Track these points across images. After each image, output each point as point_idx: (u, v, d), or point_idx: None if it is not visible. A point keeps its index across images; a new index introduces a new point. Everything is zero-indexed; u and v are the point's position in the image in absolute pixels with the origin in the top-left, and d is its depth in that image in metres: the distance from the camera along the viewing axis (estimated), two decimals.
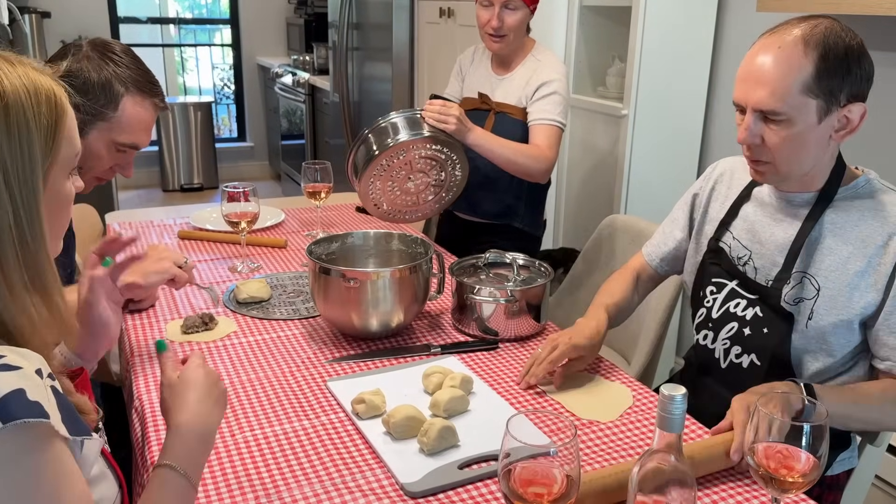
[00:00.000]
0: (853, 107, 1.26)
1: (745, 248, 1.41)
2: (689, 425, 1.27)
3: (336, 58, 4.28)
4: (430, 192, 2.05)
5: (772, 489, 0.95)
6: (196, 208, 2.42)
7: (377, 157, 1.89)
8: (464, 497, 1.08)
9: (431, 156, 1.98)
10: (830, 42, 1.22)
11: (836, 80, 1.23)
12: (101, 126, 1.45)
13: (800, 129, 1.24)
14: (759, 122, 1.27)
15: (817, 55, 1.22)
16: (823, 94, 1.23)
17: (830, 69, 1.22)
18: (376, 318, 1.51)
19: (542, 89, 2.15)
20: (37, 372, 0.75)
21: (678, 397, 0.84)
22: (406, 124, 1.95)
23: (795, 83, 1.22)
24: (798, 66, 1.22)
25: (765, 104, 1.24)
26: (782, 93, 1.23)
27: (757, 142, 1.28)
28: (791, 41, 1.23)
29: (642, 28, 2.56)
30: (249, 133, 6.59)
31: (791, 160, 1.28)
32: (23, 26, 4.77)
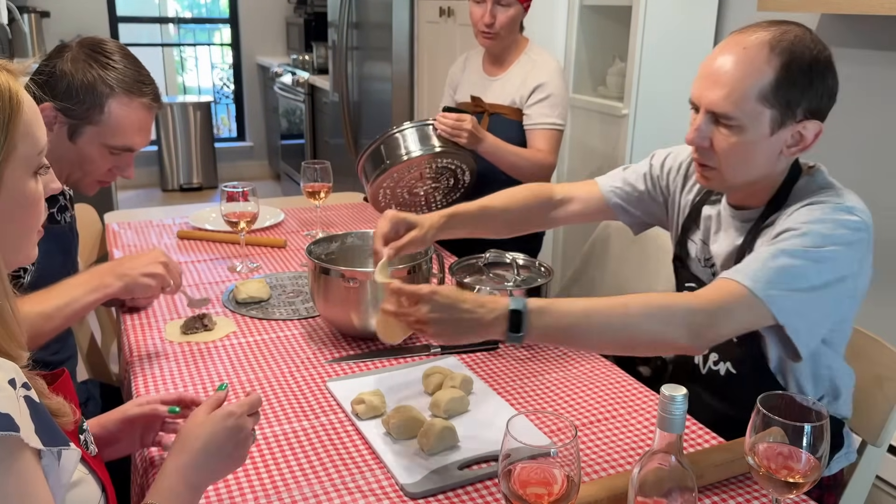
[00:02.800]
0: (809, 123, 1.19)
1: (710, 250, 1.40)
2: (689, 426, 1.27)
3: (336, 57, 4.28)
4: (440, 194, 2.07)
5: (772, 489, 0.95)
6: (195, 208, 2.41)
7: (388, 170, 1.90)
8: (464, 498, 1.08)
9: (442, 166, 1.99)
10: (797, 51, 1.16)
11: (796, 93, 1.17)
12: (91, 130, 1.41)
13: (750, 137, 1.19)
14: (711, 125, 1.22)
15: (780, 63, 1.16)
16: (780, 105, 1.17)
17: (791, 80, 1.16)
18: (376, 319, 1.51)
19: (537, 91, 2.16)
20: (10, 382, 0.72)
21: (678, 397, 0.84)
22: (418, 137, 1.96)
23: (752, 89, 1.16)
24: (758, 71, 1.16)
25: (718, 106, 1.19)
26: (737, 97, 1.17)
27: (705, 144, 1.23)
28: (756, 43, 1.17)
29: (642, 28, 2.56)
30: (249, 133, 6.58)
31: (737, 168, 1.23)
32: (22, 26, 4.76)
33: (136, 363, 1.44)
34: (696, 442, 1.23)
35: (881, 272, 2.12)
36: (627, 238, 2.09)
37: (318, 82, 4.92)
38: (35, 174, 0.83)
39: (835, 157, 2.31)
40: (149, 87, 1.46)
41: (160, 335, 1.55)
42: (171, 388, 1.35)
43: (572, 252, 2.92)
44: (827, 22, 2.30)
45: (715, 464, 1.10)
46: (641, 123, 2.65)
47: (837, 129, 2.30)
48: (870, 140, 2.20)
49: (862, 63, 2.20)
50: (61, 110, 1.36)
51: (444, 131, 1.97)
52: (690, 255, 1.45)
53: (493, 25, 2.14)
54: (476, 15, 2.16)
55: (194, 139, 5.94)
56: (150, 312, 1.65)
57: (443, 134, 1.97)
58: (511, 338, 1.09)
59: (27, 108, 0.81)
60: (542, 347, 1.55)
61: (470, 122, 1.98)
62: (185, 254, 2.04)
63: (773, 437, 0.94)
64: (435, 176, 2.00)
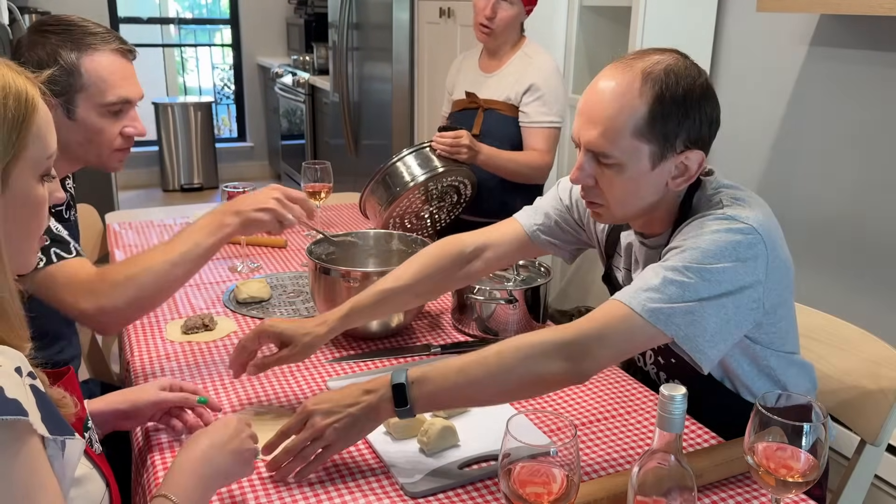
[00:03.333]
0: (691, 154, 1.15)
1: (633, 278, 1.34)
2: (688, 426, 1.27)
3: (336, 58, 4.28)
4: (444, 213, 2.09)
5: (771, 489, 0.95)
6: (196, 208, 2.42)
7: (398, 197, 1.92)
8: (464, 497, 1.08)
9: (447, 185, 2.01)
10: (670, 82, 1.12)
11: (672, 125, 1.12)
12: (81, 98, 1.38)
13: (631, 174, 1.15)
14: (593, 163, 1.18)
15: (653, 96, 1.12)
16: (657, 139, 1.13)
17: (666, 113, 1.12)
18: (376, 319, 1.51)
19: (533, 89, 2.16)
20: (16, 370, 0.74)
21: (678, 397, 0.84)
22: (419, 162, 1.97)
23: (626, 125, 1.12)
24: (631, 107, 1.12)
25: (595, 145, 1.15)
26: (613, 135, 1.13)
27: (590, 182, 1.19)
28: (628, 78, 1.14)
29: (642, 28, 2.56)
30: (249, 133, 6.59)
31: (625, 204, 1.19)
32: (23, 26, 4.77)
33: (136, 363, 1.44)
34: (696, 441, 1.24)
35: (882, 272, 2.13)
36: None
37: (318, 83, 4.92)
38: (42, 179, 0.85)
39: (835, 157, 2.31)
40: (109, 34, 1.43)
41: (161, 335, 1.55)
42: None
43: None
44: (827, 22, 2.30)
45: (714, 463, 1.11)
46: None
47: (837, 130, 2.30)
48: (870, 140, 2.20)
49: (862, 63, 2.20)
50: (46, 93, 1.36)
51: (444, 151, 2.00)
52: (619, 282, 1.41)
53: (492, 20, 2.15)
54: (479, 6, 2.18)
55: (195, 139, 5.95)
56: (151, 312, 1.65)
57: (442, 153, 2.00)
58: (401, 413, 1.09)
59: (42, 113, 0.84)
60: None
61: (466, 137, 2.01)
62: None
63: (772, 436, 0.94)
64: (440, 195, 2.02)
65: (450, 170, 1.97)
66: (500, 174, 2.14)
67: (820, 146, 2.34)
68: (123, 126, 1.44)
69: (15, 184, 0.81)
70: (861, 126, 2.22)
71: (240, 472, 1.03)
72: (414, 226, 2.06)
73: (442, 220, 2.12)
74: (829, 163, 2.29)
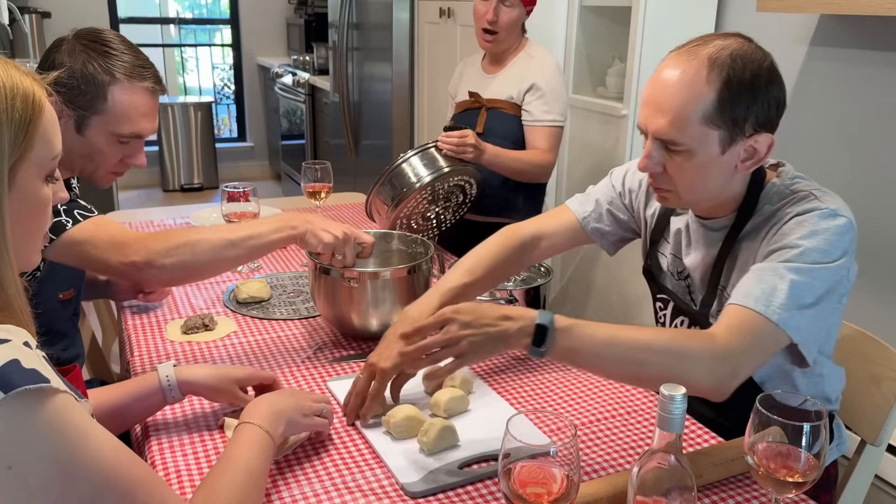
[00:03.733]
0: (760, 137, 1.17)
1: (683, 263, 1.38)
2: (689, 426, 1.27)
3: (336, 58, 4.28)
4: (449, 213, 2.09)
5: (771, 489, 0.95)
6: (196, 208, 2.42)
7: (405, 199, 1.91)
8: (464, 497, 1.08)
9: (453, 185, 2.01)
10: (737, 67, 1.13)
11: (741, 110, 1.14)
12: (97, 120, 1.40)
13: (701, 160, 1.17)
14: (661, 150, 1.19)
15: (721, 82, 1.13)
16: (726, 125, 1.14)
17: (734, 98, 1.13)
18: (376, 318, 1.51)
19: (534, 88, 2.17)
20: (25, 344, 0.77)
21: (678, 397, 0.84)
22: (423, 163, 1.97)
23: (695, 113, 1.14)
24: (699, 95, 1.13)
25: (664, 133, 1.16)
26: (682, 123, 1.14)
27: (658, 170, 1.21)
28: (694, 65, 1.14)
29: (642, 28, 2.56)
30: (249, 133, 6.59)
31: (694, 189, 1.22)
32: (23, 26, 4.77)
33: (137, 363, 1.44)
34: (696, 441, 1.24)
35: (882, 272, 2.13)
36: None
37: (318, 83, 4.92)
38: (46, 180, 0.86)
39: (834, 156, 2.31)
40: (149, 70, 1.45)
41: (161, 335, 1.55)
42: None
43: (572, 252, 2.92)
44: (826, 22, 2.30)
45: (714, 463, 1.11)
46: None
47: (837, 129, 2.30)
48: (870, 139, 2.20)
49: (862, 63, 2.20)
50: (65, 103, 1.36)
51: (450, 150, 1.99)
52: (662, 269, 1.43)
53: (495, 23, 2.15)
54: (479, 11, 2.17)
55: (195, 139, 5.95)
56: (152, 313, 1.66)
57: (448, 153, 1.99)
58: (533, 351, 1.09)
59: (48, 114, 0.85)
60: None
61: (472, 137, 2.00)
62: None
63: (773, 436, 0.94)
64: (446, 195, 2.02)
65: (455, 169, 1.97)
66: (504, 173, 2.14)
67: (819, 146, 2.34)
68: (126, 155, 1.46)
69: (21, 183, 0.82)
70: (861, 126, 2.22)
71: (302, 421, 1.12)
72: (420, 226, 2.06)
73: (447, 220, 2.12)
74: (829, 162, 2.29)
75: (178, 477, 1.10)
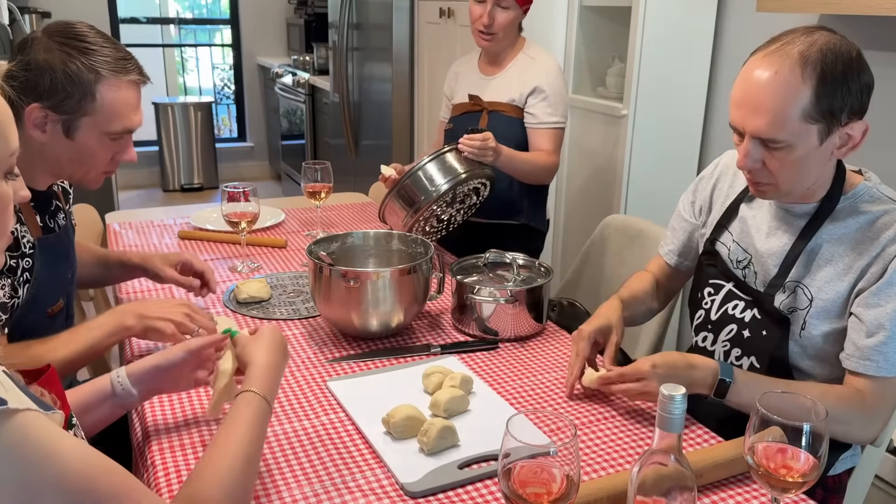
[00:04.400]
0: (855, 124, 1.22)
1: (745, 252, 1.41)
2: (689, 426, 1.27)
3: (336, 58, 4.28)
4: (461, 215, 2.09)
5: (771, 489, 0.95)
6: (196, 208, 2.42)
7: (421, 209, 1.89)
8: (464, 497, 1.08)
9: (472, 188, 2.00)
10: (829, 61, 1.17)
11: (837, 101, 1.18)
12: (87, 122, 1.34)
13: (801, 153, 1.21)
14: (759, 147, 1.23)
15: (816, 78, 1.17)
16: (824, 118, 1.19)
17: (829, 92, 1.17)
18: (376, 318, 1.51)
19: (538, 91, 2.16)
20: None
21: (678, 397, 0.84)
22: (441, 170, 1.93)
23: (794, 111, 1.18)
24: (796, 93, 1.17)
25: (763, 133, 1.21)
26: (781, 122, 1.18)
27: (758, 166, 1.26)
28: (788, 65, 1.17)
29: (642, 28, 2.56)
30: (249, 133, 6.59)
31: (794, 181, 1.26)
32: (23, 26, 4.76)
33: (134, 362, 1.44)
34: (696, 442, 1.24)
35: None
36: (626, 237, 2.09)
37: (318, 83, 4.92)
38: (5, 177, 0.83)
39: None
40: (131, 62, 1.39)
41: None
42: None
43: (572, 252, 2.92)
44: (827, 22, 2.30)
45: (714, 463, 1.10)
46: (641, 124, 2.66)
47: None
48: (869, 140, 2.20)
49: None
50: (51, 108, 1.30)
51: (472, 153, 1.95)
52: (721, 256, 1.46)
53: (491, 27, 2.14)
54: (475, 14, 2.16)
55: (195, 139, 5.95)
56: None
57: (469, 156, 1.95)
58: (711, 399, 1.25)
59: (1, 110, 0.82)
60: (540, 347, 1.55)
61: (492, 139, 1.97)
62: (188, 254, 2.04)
63: (773, 436, 0.94)
64: (462, 199, 2.01)
65: (475, 173, 1.93)
66: (515, 175, 2.13)
67: None
68: (117, 152, 1.42)
69: None
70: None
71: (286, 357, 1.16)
72: (433, 229, 2.05)
73: (457, 221, 2.11)
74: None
75: (178, 477, 1.10)
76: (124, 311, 1.38)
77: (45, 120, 1.31)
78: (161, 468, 1.12)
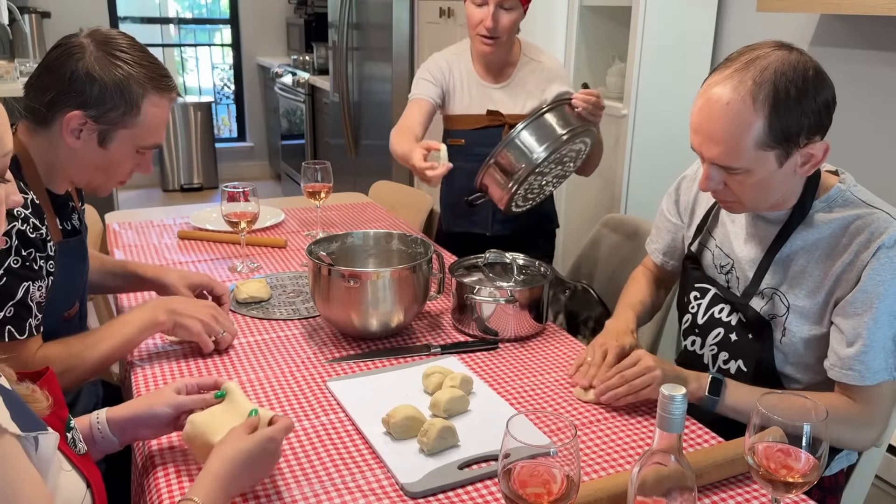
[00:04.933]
0: (815, 144, 1.20)
1: (728, 257, 1.41)
2: (689, 426, 1.27)
3: (336, 58, 4.28)
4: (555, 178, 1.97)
5: (771, 489, 0.95)
6: (196, 208, 2.42)
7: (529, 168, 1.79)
8: (464, 497, 1.08)
9: (576, 148, 1.88)
10: (781, 87, 1.14)
11: (792, 125, 1.16)
12: (123, 134, 1.35)
13: (761, 177, 1.21)
14: (719, 171, 1.23)
15: (769, 107, 1.15)
16: (780, 143, 1.17)
17: (783, 118, 1.15)
18: (376, 318, 1.51)
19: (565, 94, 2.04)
20: None
21: (678, 397, 0.84)
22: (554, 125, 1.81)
23: (748, 141, 1.17)
24: (749, 124, 1.16)
25: (720, 161, 1.21)
26: (736, 151, 1.18)
27: (719, 188, 1.26)
28: (740, 95, 1.15)
29: (642, 28, 2.56)
30: (249, 133, 6.59)
31: (758, 199, 1.26)
32: (23, 26, 4.77)
33: (136, 362, 1.44)
34: (696, 442, 1.24)
35: None
36: (624, 237, 2.09)
37: (318, 83, 4.92)
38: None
39: (834, 156, 2.31)
40: (171, 79, 1.41)
41: (160, 335, 1.55)
42: None
43: (572, 251, 2.91)
44: (827, 22, 2.30)
45: (714, 463, 1.10)
46: (641, 123, 2.66)
47: (837, 130, 2.30)
48: (870, 140, 2.20)
49: (862, 63, 2.20)
50: (93, 117, 1.31)
51: (587, 109, 1.81)
52: (704, 262, 1.47)
53: (495, 30, 2.00)
54: (475, 18, 2.02)
55: (195, 139, 5.95)
56: None
57: (583, 112, 1.82)
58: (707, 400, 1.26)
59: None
60: (540, 347, 1.55)
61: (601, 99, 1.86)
62: (186, 254, 2.04)
63: (773, 436, 0.94)
64: (562, 159, 1.88)
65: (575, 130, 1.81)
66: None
67: None
68: (137, 164, 1.44)
69: None
70: (861, 126, 2.21)
71: (262, 473, 1.05)
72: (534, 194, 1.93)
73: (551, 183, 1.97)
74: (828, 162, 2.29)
75: (178, 477, 1.10)
76: (156, 306, 1.43)
77: (83, 127, 1.33)
78: (161, 468, 1.12)
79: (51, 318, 1.37)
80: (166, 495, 1.06)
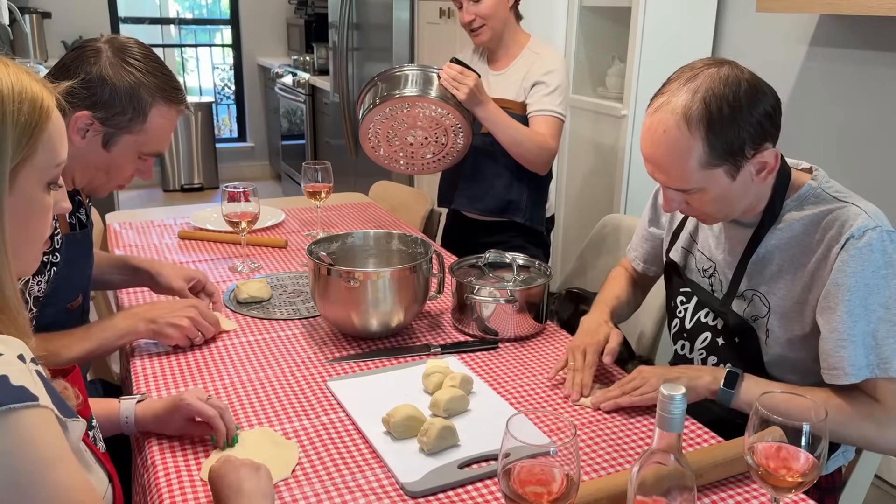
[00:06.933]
0: (765, 152, 1.20)
1: (710, 260, 1.42)
2: (688, 426, 1.27)
3: (336, 58, 4.28)
4: (429, 152, 2.07)
5: (771, 489, 0.95)
6: (196, 208, 2.42)
7: (381, 104, 1.92)
8: (464, 497, 1.08)
9: (436, 117, 1.99)
10: (714, 108, 1.15)
11: (733, 141, 1.16)
12: (127, 139, 1.38)
13: (717, 192, 1.22)
14: (678, 193, 1.25)
15: (704, 129, 1.16)
16: (726, 159, 1.18)
17: (720, 136, 1.16)
18: (376, 318, 1.51)
19: (541, 83, 2.15)
20: (19, 357, 0.76)
21: (678, 397, 0.84)
22: (418, 79, 1.96)
23: (692, 164, 1.18)
24: (688, 148, 1.17)
25: (672, 185, 1.24)
26: (683, 176, 1.20)
27: (682, 207, 1.28)
28: (674, 122, 1.17)
29: (642, 28, 2.57)
30: (250, 133, 6.59)
31: (724, 210, 1.28)
32: (23, 26, 4.77)
33: (137, 363, 1.44)
34: (696, 441, 1.24)
35: None
36: (625, 237, 2.09)
37: (318, 83, 4.92)
38: (48, 187, 0.87)
39: (834, 156, 2.31)
40: (182, 92, 1.44)
41: None
42: (172, 387, 1.35)
43: (572, 251, 2.92)
44: (827, 22, 2.30)
45: (714, 463, 1.11)
46: (641, 124, 2.66)
47: (837, 129, 2.30)
48: (870, 140, 2.20)
49: (862, 63, 2.21)
50: (100, 119, 1.33)
51: (446, 80, 1.97)
52: (689, 266, 1.46)
53: (474, 21, 2.14)
54: (461, 19, 2.18)
55: (195, 140, 5.95)
56: None
57: (443, 83, 1.97)
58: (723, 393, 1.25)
59: (55, 121, 0.86)
60: (540, 347, 1.55)
61: (473, 78, 1.98)
62: (187, 254, 2.04)
63: (772, 436, 0.94)
64: (427, 128, 2.00)
65: (444, 98, 1.95)
66: (501, 140, 2.08)
67: (819, 146, 2.34)
68: (138, 169, 1.46)
69: (21, 187, 0.83)
70: (861, 126, 2.22)
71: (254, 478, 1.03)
72: (395, 147, 2.06)
73: (427, 161, 2.09)
74: (829, 162, 2.29)
75: (178, 477, 1.10)
76: (136, 314, 1.45)
77: (89, 128, 1.35)
78: (161, 469, 1.12)
79: (54, 309, 1.40)
80: (167, 495, 1.06)
